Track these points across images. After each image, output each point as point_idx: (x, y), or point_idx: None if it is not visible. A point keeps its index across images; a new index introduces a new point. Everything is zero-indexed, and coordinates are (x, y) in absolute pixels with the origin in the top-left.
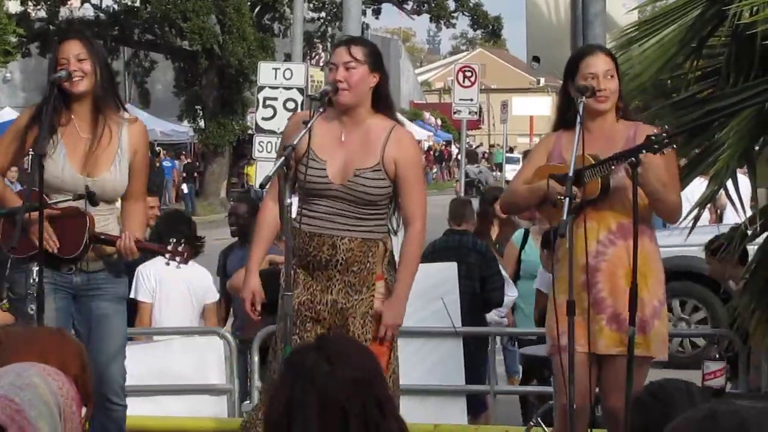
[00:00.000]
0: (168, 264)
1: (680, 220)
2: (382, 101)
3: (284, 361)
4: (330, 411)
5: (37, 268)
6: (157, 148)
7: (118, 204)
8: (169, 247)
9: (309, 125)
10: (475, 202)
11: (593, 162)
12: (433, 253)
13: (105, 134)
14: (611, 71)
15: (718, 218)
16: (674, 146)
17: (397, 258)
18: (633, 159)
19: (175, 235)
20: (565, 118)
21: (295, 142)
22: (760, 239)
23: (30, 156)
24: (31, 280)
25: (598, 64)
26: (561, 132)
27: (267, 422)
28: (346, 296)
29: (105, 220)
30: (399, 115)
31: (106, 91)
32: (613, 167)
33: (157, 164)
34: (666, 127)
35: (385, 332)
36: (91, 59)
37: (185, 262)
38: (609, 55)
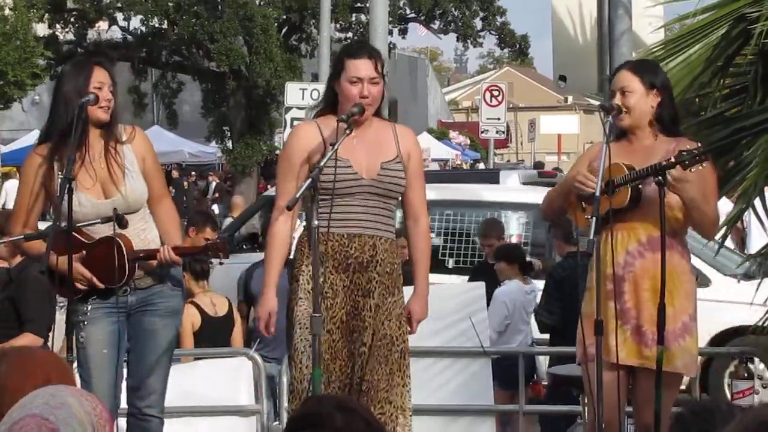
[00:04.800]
0: (211, 263)
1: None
2: (380, 105)
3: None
4: None
5: (92, 298)
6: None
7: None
8: (208, 246)
9: (336, 146)
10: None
11: (626, 171)
12: (568, 280)
13: (114, 157)
14: (629, 87)
15: (741, 240)
16: (703, 165)
17: None
18: (660, 178)
19: None
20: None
21: (322, 164)
22: None
23: (59, 180)
24: (84, 308)
25: (617, 81)
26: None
27: None
28: (384, 299)
29: (142, 229)
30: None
31: (114, 120)
32: (643, 180)
33: (185, 185)
34: (698, 145)
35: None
36: (114, 90)
37: (226, 256)
38: (635, 70)
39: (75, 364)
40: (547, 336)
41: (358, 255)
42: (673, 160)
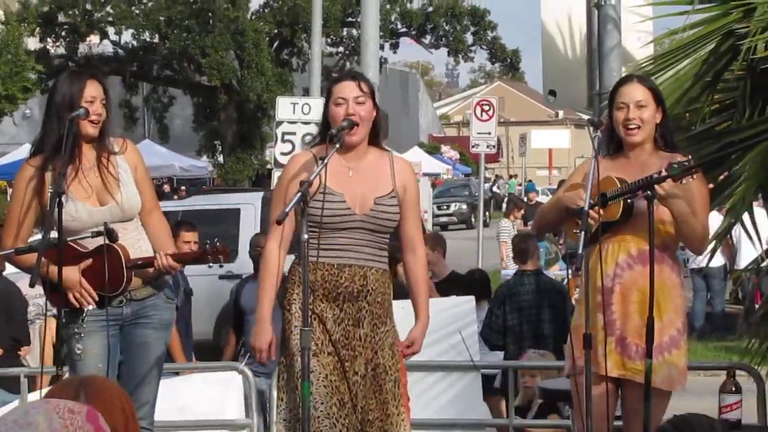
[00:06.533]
0: (211, 267)
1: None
2: (376, 133)
3: None
4: None
5: (90, 308)
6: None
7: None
8: (208, 249)
9: (326, 161)
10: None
11: (619, 185)
12: (511, 297)
13: (107, 166)
14: (644, 101)
15: (732, 253)
16: (693, 177)
17: None
18: (649, 192)
19: None
20: (608, 147)
21: (312, 178)
22: None
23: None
24: (79, 320)
25: (630, 93)
26: (602, 157)
27: None
28: (375, 329)
29: (137, 239)
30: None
31: (106, 131)
32: (635, 194)
33: (176, 199)
34: (689, 157)
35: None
36: (107, 103)
37: (227, 260)
38: (646, 84)
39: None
40: None
41: (348, 284)
42: (663, 172)
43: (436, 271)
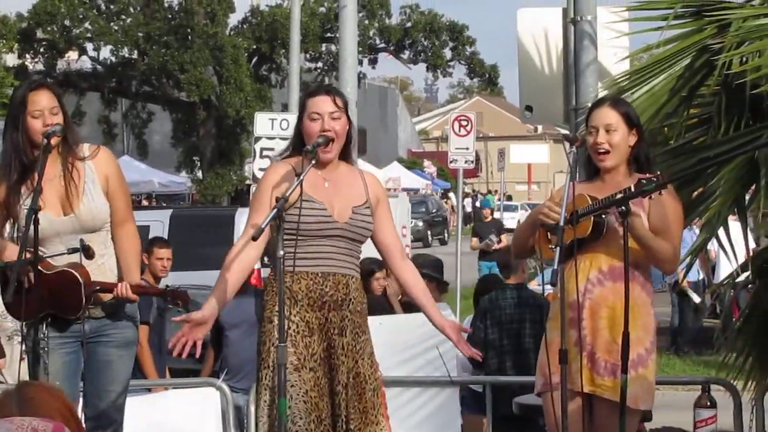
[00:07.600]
0: (170, 307)
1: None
2: (348, 148)
3: None
4: None
5: (47, 322)
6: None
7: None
8: (168, 291)
9: (302, 177)
10: None
11: (590, 203)
12: (492, 311)
13: (71, 173)
14: (614, 125)
15: (709, 267)
16: (661, 192)
17: None
18: (623, 207)
19: None
20: (587, 170)
21: (288, 193)
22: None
23: (23, 211)
24: (40, 335)
25: (600, 117)
26: (579, 182)
27: None
28: (356, 337)
29: (101, 255)
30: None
31: (69, 136)
32: (606, 211)
33: None
34: (659, 172)
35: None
36: (61, 111)
37: (185, 306)
38: (618, 108)
39: None
40: None
41: (333, 293)
42: (632, 188)
43: (396, 290)
